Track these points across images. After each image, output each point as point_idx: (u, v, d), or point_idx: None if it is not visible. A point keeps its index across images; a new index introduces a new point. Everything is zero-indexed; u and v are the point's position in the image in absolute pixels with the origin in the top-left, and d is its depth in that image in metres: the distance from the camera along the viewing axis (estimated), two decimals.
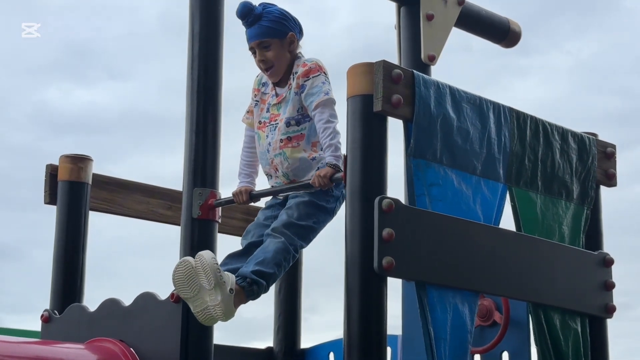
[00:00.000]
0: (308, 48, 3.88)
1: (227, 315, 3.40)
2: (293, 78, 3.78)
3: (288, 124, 3.74)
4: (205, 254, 3.38)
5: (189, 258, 3.39)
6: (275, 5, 3.84)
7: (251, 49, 3.82)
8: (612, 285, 3.64)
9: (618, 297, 3.67)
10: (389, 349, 4.47)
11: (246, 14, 3.74)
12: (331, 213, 3.72)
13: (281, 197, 3.84)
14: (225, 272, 3.44)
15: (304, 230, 3.67)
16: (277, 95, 3.83)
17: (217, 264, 3.38)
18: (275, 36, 3.76)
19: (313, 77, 3.71)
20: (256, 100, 3.92)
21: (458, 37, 5.02)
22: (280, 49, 3.77)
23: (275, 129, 3.77)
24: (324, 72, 3.75)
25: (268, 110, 3.84)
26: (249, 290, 3.49)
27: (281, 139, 3.74)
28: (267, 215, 3.84)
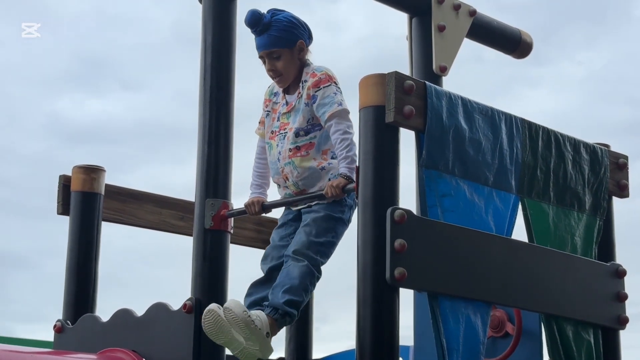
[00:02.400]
0: (321, 58, 3.89)
1: (266, 353, 3.44)
2: (302, 87, 3.77)
3: (297, 134, 3.74)
4: (234, 307, 3.36)
5: (214, 308, 3.36)
6: (284, 12, 3.82)
7: (261, 57, 3.82)
8: (625, 297, 3.63)
9: (630, 308, 3.66)
10: None
11: (255, 22, 3.72)
12: (346, 223, 3.71)
13: (294, 212, 3.83)
14: (257, 316, 3.43)
15: (325, 247, 3.66)
16: (287, 103, 3.83)
17: (248, 315, 3.37)
18: (285, 46, 3.76)
19: (324, 87, 3.70)
20: (267, 111, 3.93)
21: (469, 47, 5.02)
22: (290, 58, 3.77)
23: (284, 138, 3.77)
24: (335, 82, 3.73)
25: (278, 119, 3.85)
26: (282, 321, 3.53)
27: (290, 148, 3.74)
28: (282, 235, 3.82)
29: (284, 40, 3.75)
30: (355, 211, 3.19)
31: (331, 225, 3.66)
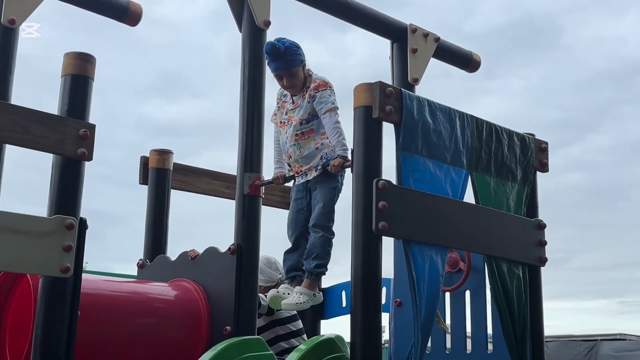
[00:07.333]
0: (333, 74, 3.91)
1: (319, 299, 3.84)
2: (306, 91, 3.83)
3: (301, 123, 3.80)
4: (289, 306, 3.77)
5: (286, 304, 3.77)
6: (287, 39, 3.84)
7: (278, 75, 3.84)
8: (545, 243, 3.60)
9: (557, 253, 3.65)
10: (383, 289, 4.47)
11: (275, 52, 3.75)
12: (340, 187, 3.81)
13: (302, 187, 3.88)
14: (299, 294, 3.74)
15: (331, 214, 3.79)
16: (293, 102, 3.88)
17: (299, 303, 3.72)
18: (296, 65, 3.81)
19: (322, 90, 3.77)
20: (279, 107, 3.97)
21: (439, 65, 4.98)
22: (299, 73, 3.84)
23: (291, 127, 3.82)
24: (329, 87, 3.80)
25: (286, 114, 3.90)
26: (317, 278, 3.81)
27: (296, 134, 3.80)
28: (298, 207, 3.89)
29: (296, 61, 3.81)
30: (351, 181, 3.17)
31: (333, 194, 3.76)
